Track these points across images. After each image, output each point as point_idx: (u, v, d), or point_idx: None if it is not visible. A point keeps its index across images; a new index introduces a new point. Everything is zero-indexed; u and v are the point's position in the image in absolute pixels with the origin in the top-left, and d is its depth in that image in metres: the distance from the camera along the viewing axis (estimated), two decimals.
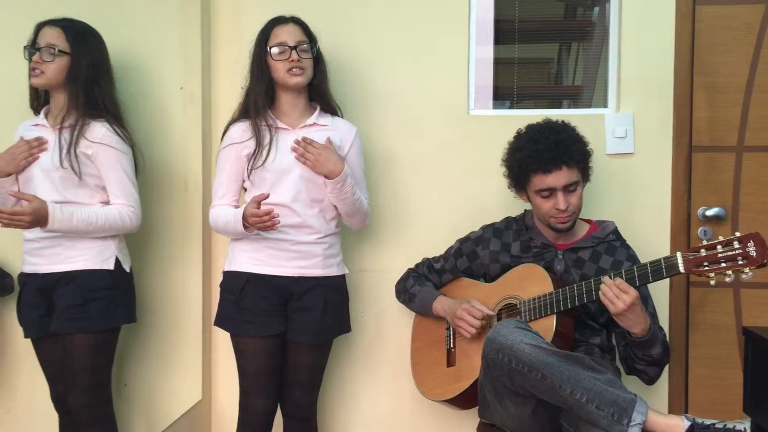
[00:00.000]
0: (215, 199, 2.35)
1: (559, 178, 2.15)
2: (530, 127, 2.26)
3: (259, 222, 2.15)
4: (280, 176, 2.26)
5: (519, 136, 2.27)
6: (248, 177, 2.30)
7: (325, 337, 2.34)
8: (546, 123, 2.24)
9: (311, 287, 2.29)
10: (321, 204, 2.31)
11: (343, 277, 2.40)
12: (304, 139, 2.24)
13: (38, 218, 2.15)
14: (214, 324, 2.37)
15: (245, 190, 2.36)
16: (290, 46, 2.25)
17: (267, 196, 2.18)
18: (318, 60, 2.35)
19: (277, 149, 2.27)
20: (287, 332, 2.29)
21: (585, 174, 2.24)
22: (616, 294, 1.95)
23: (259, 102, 2.29)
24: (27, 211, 2.12)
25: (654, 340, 2.06)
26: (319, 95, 2.37)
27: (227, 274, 2.35)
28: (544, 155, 2.14)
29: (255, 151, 2.27)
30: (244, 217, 2.17)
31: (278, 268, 2.28)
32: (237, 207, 2.32)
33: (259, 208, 2.14)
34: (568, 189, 2.17)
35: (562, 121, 2.25)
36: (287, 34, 2.28)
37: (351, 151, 2.37)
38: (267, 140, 2.27)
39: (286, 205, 2.25)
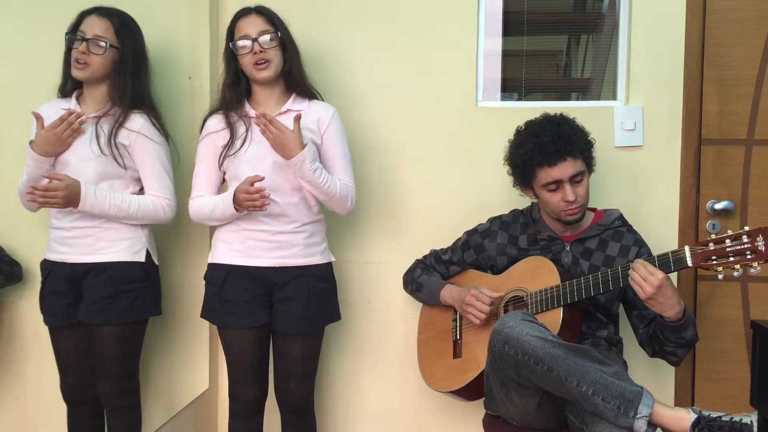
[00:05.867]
0: (194, 191, 2.33)
1: (565, 169, 2.14)
2: (529, 123, 2.25)
3: (249, 199, 2.12)
4: (254, 166, 2.21)
5: (519, 133, 2.26)
6: (220, 167, 2.29)
7: (311, 326, 2.30)
8: (544, 117, 2.24)
9: (294, 277, 2.26)
10: (302, 192, 2.27)
11: (328, 265, 2.37)
12: (264, 115, 2.15)
13: (71, 196, 2.14)
14: (201, 316, 2.36)
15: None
16: (252, 38, 2.22)
17: (262, 178, 2.14)
18: (285, 47, 2.28)
19: (251, 140, 2.25)
20: (272, 323, 2.28)
21: (589, 164, 2.23)
22: (643, 276, 1.93)
23: (228, 96, 2.29)
24: (60, 187, 2.12)
25: (688, 323, 2.03)
26: (293, 82, 2.32)
27: (210, 266, 2.33)
28: (548, 147, 2.12)
29: (229, 141, 2.25)
30: (235, 196, 2.15)
31: (258, 259, 2.25)
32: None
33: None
34: (574, 180, 2.16)
35: (560, 114, 2.24)
36: (249, 26, 2.23)
37: (327, 132, 2.31)
38: (242, 131, 2.26)
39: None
